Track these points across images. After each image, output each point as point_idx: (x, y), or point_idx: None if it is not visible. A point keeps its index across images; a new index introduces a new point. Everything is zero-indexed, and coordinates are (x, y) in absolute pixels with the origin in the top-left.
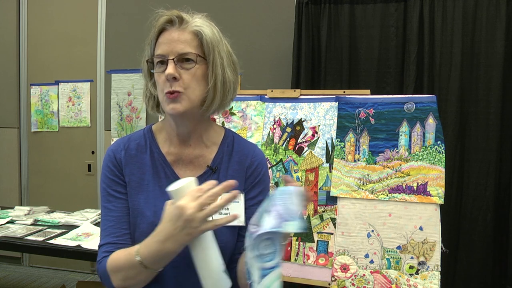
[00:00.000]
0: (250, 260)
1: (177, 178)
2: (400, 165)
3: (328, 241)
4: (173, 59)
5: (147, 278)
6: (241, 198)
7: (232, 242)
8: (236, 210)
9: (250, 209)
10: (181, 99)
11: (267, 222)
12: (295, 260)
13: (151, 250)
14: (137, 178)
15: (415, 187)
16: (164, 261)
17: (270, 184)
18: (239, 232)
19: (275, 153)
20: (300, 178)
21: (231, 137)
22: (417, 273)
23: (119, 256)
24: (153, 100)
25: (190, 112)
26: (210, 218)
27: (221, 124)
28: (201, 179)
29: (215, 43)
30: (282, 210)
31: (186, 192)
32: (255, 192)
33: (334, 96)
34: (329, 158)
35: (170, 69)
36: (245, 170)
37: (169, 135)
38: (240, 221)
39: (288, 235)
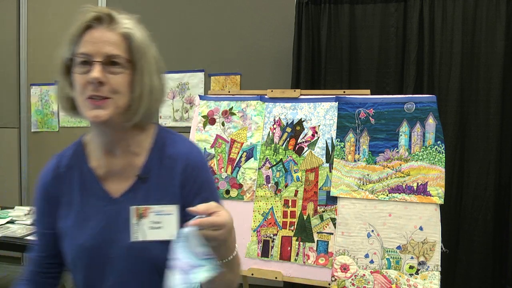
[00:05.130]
0: None
1: (105, 194)
2: (400, 165)
3: (328, 241)
4: (100, 61)
5: None
6: (175, 210)
7: (165, 256)
8: (169, 223)
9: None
10: (108, 105)
11: (174, 281)
12: (295, 260)
13: None
14: (67, 198)
15: (415, 187)
16: None
17: (270, 184)
18: None
19: (275, 153)
20: (300, 178)
21: (162, 140)
22: (417, 273)
23: None
24: (70, 102)
25: (114, 120)
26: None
27: (220, 124)
28: (132, 190)
29: (145, 48)
30: (185, 261)
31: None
32: (199, 200)
33: (334, 96)
34: (329, 158)
35: (96, 72)
36: (178, 177)
37: (97, 148)
38: (173, 235)
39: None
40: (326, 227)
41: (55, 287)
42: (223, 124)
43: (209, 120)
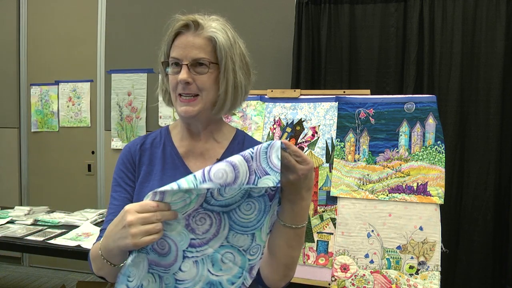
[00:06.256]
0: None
1: (186, 168)
2: (400, 165)
3: (328, 241)
4: (186, 64)
5: (112, 271)
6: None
7: None
8: None
9: None
10: (196, 103)
11: (236, 160)
12: None
13: (103, 243)
14: (147, 169)
15: (415, 187)
16: (115, 257)
17: None
18: None
19: None
20: None
21: (242, 136)
22: (417, 273)
23: (96, 246)
24: (168, 95)
25: (201, 115)
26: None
27: None
28: None
29: (228, 48)
30: (258, 163)
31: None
32: None
33: (334, 96)
34: (329, 158)
35: (184, 74)
36: None
37: (182, 130)
38: None
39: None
40: (326, 227)
41: None
42: None
43: None
